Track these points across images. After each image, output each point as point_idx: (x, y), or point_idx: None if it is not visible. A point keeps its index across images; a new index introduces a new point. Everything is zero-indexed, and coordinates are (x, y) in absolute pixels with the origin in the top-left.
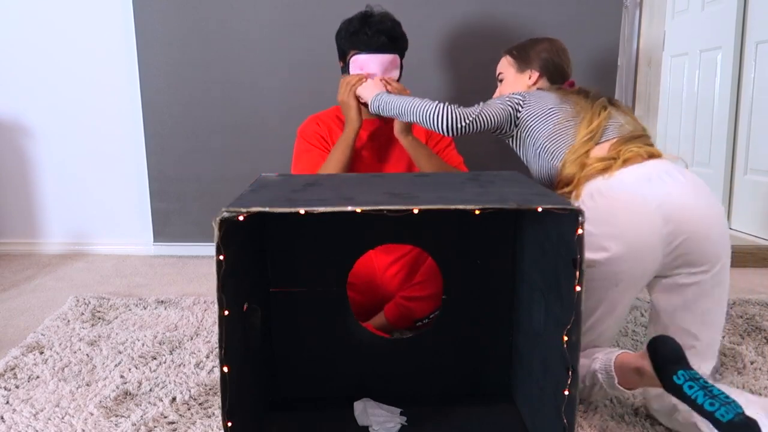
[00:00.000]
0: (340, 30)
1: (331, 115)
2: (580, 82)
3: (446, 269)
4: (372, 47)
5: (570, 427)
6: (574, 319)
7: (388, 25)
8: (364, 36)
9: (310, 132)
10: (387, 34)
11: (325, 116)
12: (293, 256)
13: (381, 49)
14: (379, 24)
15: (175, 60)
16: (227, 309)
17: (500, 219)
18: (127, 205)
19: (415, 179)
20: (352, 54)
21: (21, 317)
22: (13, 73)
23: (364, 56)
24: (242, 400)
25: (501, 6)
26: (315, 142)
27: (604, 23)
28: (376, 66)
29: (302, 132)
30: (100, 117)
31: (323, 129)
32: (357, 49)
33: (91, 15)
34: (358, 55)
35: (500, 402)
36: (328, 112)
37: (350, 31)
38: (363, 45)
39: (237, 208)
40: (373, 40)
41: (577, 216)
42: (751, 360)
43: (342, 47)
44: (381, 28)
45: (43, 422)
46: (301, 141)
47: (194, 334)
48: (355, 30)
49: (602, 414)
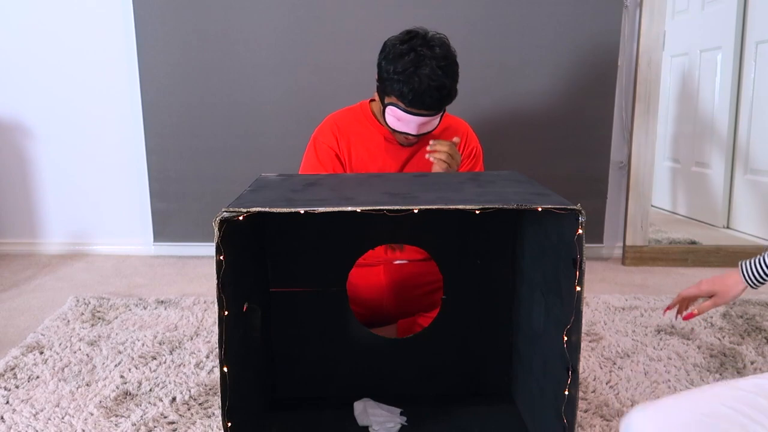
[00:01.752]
0: (385, 56)
1: (359, 116)
2: (581, 82)
3: (446, 269)
4: (417, 107)
5: (570, 427)
6: (574, 319)
7: (441, 82)
8: (410, 93)
9: (323, 146)
10: (437, 96)
11: (349, 121)
12: (293, 256)
13: (426, 109)
14: (431, 79)
15: (175, 60)
16: (227, 309)
17: (500, 219)
18: (127, 205)
19: (415, 179)
20: (392, 102)
21: (21, 317)
22: (13, 74)
23: (404, 115)
24: (242, 400)
25: (501, 6)
26: (325, 160)
27: (604, 23)
28: (414, 127)
29: (316, 140)
30: (101, 117)
31: (342, 144)
32: (400, 101)
33: (91, 15)
34: (398, 111)
35: (500, 402)
36: (356, 113)
37: (397, 73)
38: (407, 102)
39: (237, 208)
40: (418, 102)
41: (577, 216)
42: (751, 360)
43: (383, 81)
44: (432, 85)
45: (43, 422)
46: (311, 152)
47: (194, 334)
48: (403, 79)
49: (602, 414)
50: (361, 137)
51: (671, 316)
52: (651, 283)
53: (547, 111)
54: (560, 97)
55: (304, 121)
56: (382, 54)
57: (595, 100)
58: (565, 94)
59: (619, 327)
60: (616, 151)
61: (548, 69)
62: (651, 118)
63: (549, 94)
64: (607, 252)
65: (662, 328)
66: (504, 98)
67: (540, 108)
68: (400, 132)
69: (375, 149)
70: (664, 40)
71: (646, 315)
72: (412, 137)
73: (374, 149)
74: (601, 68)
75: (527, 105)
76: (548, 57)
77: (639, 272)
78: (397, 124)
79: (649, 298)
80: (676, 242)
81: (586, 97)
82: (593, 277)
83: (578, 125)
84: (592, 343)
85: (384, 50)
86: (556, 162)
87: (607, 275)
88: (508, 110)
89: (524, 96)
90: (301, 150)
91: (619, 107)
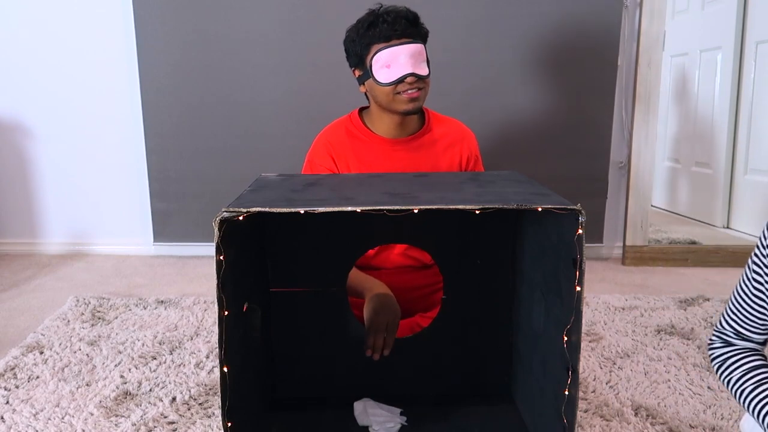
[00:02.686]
0: (349, 34)
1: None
2: (581, 82)
3: (446, 269)
4: (397, 34)
5: (570, 427)
6: (574, 319)
7: (404, 10)
8: (384, 24)
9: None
10: (407, 17)
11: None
12: (293, 256)
13: (406, 34)
14: (395, 11)
15: (175, 60)
16: (227, 309)
17: (500, 219)
18: (127, 205)
19: (415, 179)
20: (375, 51)
21: (21, 317)
22: (13, 74)
23: (390, 50)
24: (242, 400)
25: (501, 6)
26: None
27: (604, 23)
28: (407, 59)
29: (312, 162)
30: (101, 117)
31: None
32: (379, 43)
33: (91, 15)
34: (383, 51)
35: (500, 402)
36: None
37: (364, 26)
38: (386, 34)
39: (237, 208)
40: (397, 25)
41: (577, 216)
42: None
43: (357, 50)
44: (399, 14)
45: (43, 422)
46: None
47: (194, 334)
48: (370, 23)
49: (602, 414)
50: (357, 152)
51: (671, 316)
52: (651, 283)
53: (547, 111)
54: (560, 97)
55: (304, 121)
56: (346, 40)
57: (595, 100)
58: (565, 94)
59: (619, 327)
60: (616, 151)
61: (548, 69)
62: (651, 118)
63: (549, 94)
64: (607, 252)
65: (662, 328)
66: (504, 98)
67: (540, 108)
68: (397, 80)
69: (373, 160)
70: (664, 40)
71: (646, 315)
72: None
73: (372, 160)
74: (601, 68)
75: (527, 105)
76: (548, 57)
77: (639, 272)
78: (389, 73)
79: (649, 298)
80: (676, 242)
81: (586, 97)
82: (593, 277)
83: (578, 125)
84: (592, 343)
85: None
86: (556, 162)
87: (607, 275)
88: (508, 110)
89: (524, 96)
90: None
91: (619, 107)
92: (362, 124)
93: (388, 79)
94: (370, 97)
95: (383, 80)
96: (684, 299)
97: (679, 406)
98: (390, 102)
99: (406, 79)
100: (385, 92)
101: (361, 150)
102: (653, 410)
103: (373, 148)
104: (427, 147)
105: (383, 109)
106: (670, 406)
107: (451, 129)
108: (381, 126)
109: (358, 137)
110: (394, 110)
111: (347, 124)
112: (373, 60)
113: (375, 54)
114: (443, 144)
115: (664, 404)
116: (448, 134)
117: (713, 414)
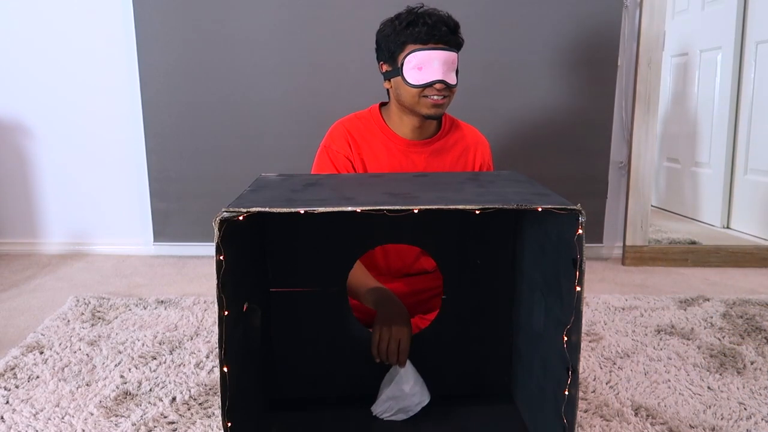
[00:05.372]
0: (384, 28)
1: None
2: (581, 82)
3: (446, 269)
4: (435, 39)
5: (570, 427)
6: (574, 319)
7: (446, 16)
8: (423, 26)
9: (339, 155)
10: (447, 24)
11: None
12: (293, 256)
13: (444, 41)
14: (437, 15)
15: (175, 60)
16: (227, 309)
17: (500, 219)
18: (127, 205)
19: (415, 179)
20: (409, 51)
21: (21, 317)
22: (13, 74)
23: (426, 53)
24: (242, 400)
25: (501, 6)
26: (342, 170)
27: (604, 23)
28: (440, 65)
29: (329, 148)
30: (101, 117)
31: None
32: (415, 44)
33: (91, 15)
34: (418, 52)
35: (500, 402)
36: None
37: (403, 24)
38: (423, 37)
39: (237, 208)
40: (437, 30)
41: (577, 216)
42: (751, 360)
43: (390, 45)
44: (441, 19)
45: (43, 422)
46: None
47: (194, 334)
48: (410, 21)
49: (602, 414)
50: (374, 148)
51: (671, 316)
52: (651, 283)
53: (547, 111)
54: (560, 96)
55: (304, 121)
56: (380, 32)
57: (595, 100)
58: (565, 94)
59: (619, 327)
60: (616, 151)
61: (548, 69)
62: (651, 118)
63: (549, 93)
64: (607, 252)
65: (662, 328)
66: (504, 98)
67: (540, 108)
68: (426, 84)
69: (390, 159)
70: (664, 39)
71: (646, 315)
72: (439, 89)
73: (389, 159)
74: (601, 68)
75: (527, 105)
76: (548, 57)
77: (639, 272)
78: (420, 76)
79: (649, 298)
80: (676, 242)
81: (586, 97)
82: (593, 277)
83: (578, 125)
84: (592, 343)
85: (379, 30)
86: (556, 162)
87: (607, 275)
88: (508, 110)
89: (524, 96)
90: (301, 150)
91: (619, 107)
92: (382, 120)
93: (419, 81)
94: (392, 95)
95: (413, 81)
96: (684, 299)
97: (679, 406)
98: (414, 104)
99: (436, 84)
100: (412, 93)
101: (378, 145)
102: (653, 410)
103: (389, 145)
104: (441, 152)
105: (405, 110)
106: (670, 406)
107: (466, 135)
108: (399, 126)
109: (376, 132)
110: (417, 113)
111: (367, 117)
112: (405, 59)
113: (409, 54)
114: (457, 150)
115: (664, 404)
116: (463, 140)
117: (713, 414)
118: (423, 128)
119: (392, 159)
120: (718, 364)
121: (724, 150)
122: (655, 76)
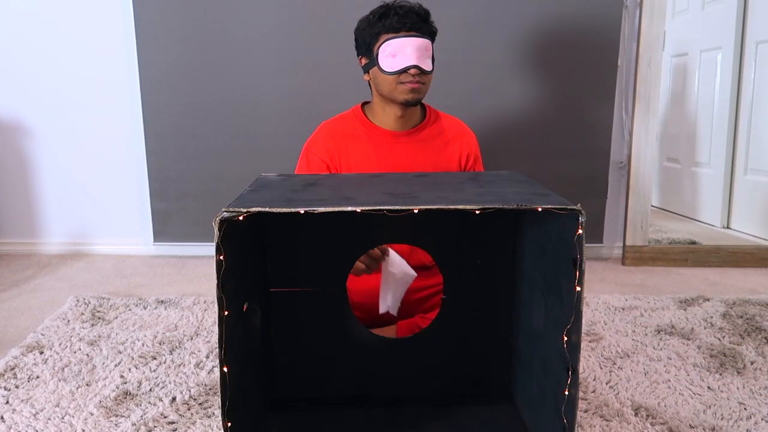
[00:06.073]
0: (360, 24)
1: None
2: (581, 82)
3: (446, 269)
4: (406, 27)
5: (570, 427)
6: (574, 319)
7: (416, 5)
8: (395, 16)
9: (315, 158)
10: (418, 13)
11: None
12: (293, 256)
13: (415, 28)
14: (408, 5)
15: (175, 60)
16: (227, 309)
17: (500, 219)
18: (127, 205)
19: (415, 179)
20: (383, 40)
21: (21, 317)
22: (13, 73)
23: (398, 40)
24: (242, 400)
25: (500, 7)
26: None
27: (604, 23)
28: (413, 51)
29: (309, 150)
30: (101, 117)
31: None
32: (388, 33)
33: (91, 15)
34: (392, 40)
35: (500, 402)
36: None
37: (376, 16)
38: (395, 26)
39: (237, 208)
40: (408, 19)
41: (577, 216)
42: (751, 360)
43: (366, 38)
44: (411, 9)
45: (43, 422)
46: (303, 162)
47: (194, 334)
48: (382, 14)
49: (602, 414)
50: (358, 143)
51: (671, 316)
52: (651, 283)
53: (546, 111)
54: (560, 97)
55: (304, 121)
56: (357, 29)
57: (595, 99)
58: (565, 94)
59: (619, 327)
60: (616, 151)
61: (548, 69)
62: (651, 118)
63: (549, 93)
64: (607, 252)
65: (662, 328)
66: (504, 98)
67: (540, 108)
68: (401, 70)
69: (374, 152)
70: (664, 40)
71: (646, 315)
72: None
73: (373, 152)
74: (601, 68)
75: (527, 105)
76: (548, 57)
77: (639, 272)
78: (394, 63)
79: (649, 298)
80: (676, 242)
81: (586, 96)
82: (593, 277)
83: (578, 125)
84: (592, 343)
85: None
86: (556, 162)
87: (607, 275)
88: (508, 110)
89: (524, 96)
90: (300, 150)
91: (619, 107)
92: (364, 117)
93: (393, 68)
94: (372, 87)
95: (388, 69)
96: (684, 299)
97: (679, 406)
98: (391, 91)
99: (410, 70)
100: (389, 81)
101: (363, 142)
102: (653, 410)
103: (374, 139)
104: (427, 141)
105: (385, 99)
106: (670, 406)
107: (452, 126)
108: (383, 118)
109: (360, 129)
110: (395, 99)
111: (350, 116)
112: (380, 49)
113: (383, 43)
114: (444, 139)
115: (664, 404)
116: (448, 130)
117: (713, 414)
118: (406, 118)
119: (377, 151)
120: (718, 364)
121: (724, 150)
122: (655, 76)
